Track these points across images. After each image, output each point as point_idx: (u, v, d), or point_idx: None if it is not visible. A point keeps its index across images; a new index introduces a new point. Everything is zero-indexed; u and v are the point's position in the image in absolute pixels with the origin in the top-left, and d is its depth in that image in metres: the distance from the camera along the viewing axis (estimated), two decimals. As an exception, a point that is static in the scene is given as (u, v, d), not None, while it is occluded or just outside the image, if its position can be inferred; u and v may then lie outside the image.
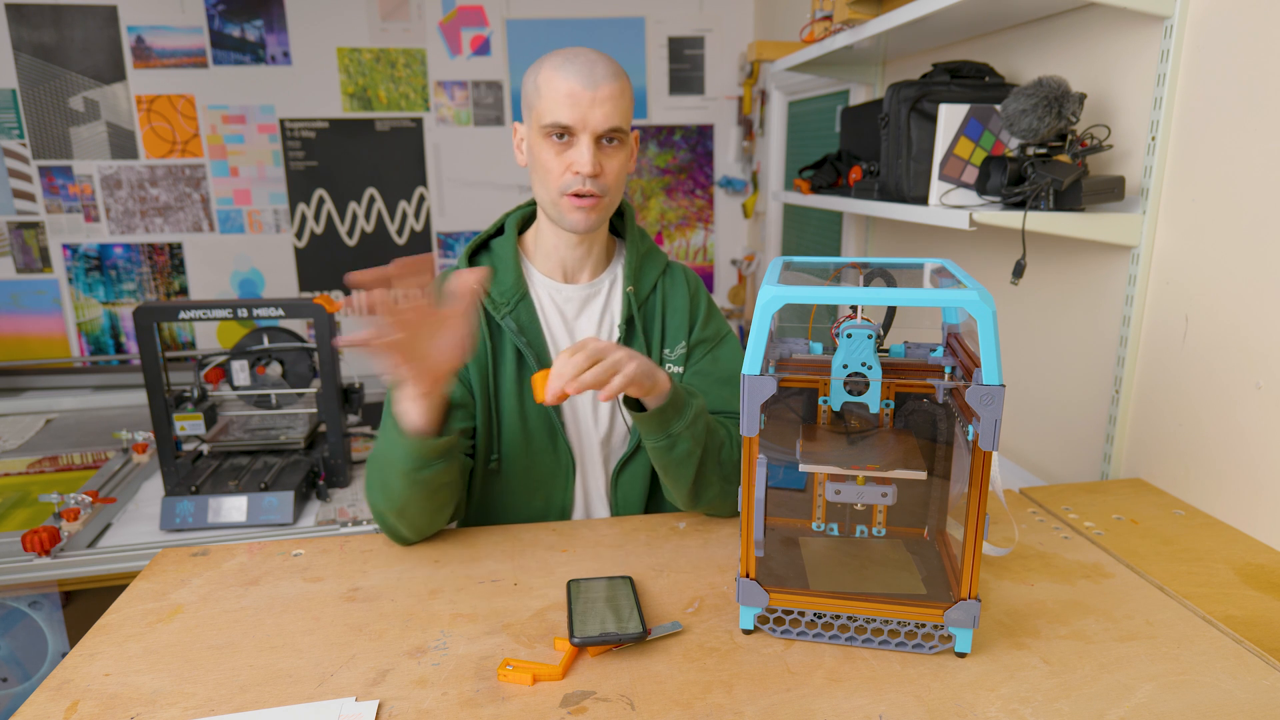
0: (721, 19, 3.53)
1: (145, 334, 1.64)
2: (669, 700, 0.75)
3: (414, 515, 1.02)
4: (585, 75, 1.03)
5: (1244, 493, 1.13)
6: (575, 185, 1.06)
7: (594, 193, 1.07)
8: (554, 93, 1.04)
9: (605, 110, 1.04)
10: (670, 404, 0.99)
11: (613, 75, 1.05)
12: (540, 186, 1.10)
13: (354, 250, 3.54)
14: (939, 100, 1.52)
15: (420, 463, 0.97)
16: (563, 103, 1.03)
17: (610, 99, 1.04)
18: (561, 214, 1.09)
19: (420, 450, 0.96)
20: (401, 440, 0.96)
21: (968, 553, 0.77)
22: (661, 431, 1.00)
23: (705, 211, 3.75)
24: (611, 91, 1.04)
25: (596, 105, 1.04)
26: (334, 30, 3.33)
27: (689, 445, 1.01)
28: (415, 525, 1.03)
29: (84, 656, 0.83)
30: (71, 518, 1.60)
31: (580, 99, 1.03)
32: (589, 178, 1.06)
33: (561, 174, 1.07)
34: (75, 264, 3.38)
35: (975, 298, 0.73)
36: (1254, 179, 1.11)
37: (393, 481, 0.98)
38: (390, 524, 1.04)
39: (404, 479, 0.97)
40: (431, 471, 0.98)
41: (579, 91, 1.03)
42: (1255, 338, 1.12)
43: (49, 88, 3.20)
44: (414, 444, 0.96)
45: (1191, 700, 0.74)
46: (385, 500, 1.01)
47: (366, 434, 2.10)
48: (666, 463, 1.03)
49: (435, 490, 1.00)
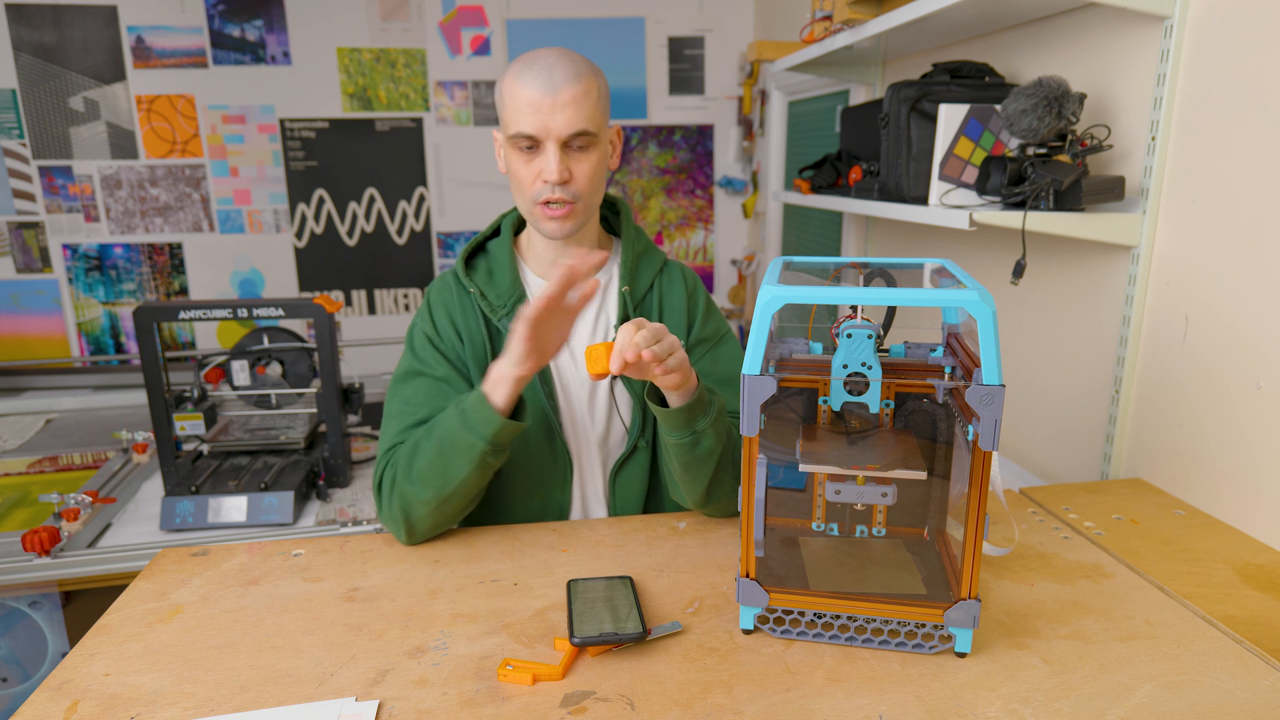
0: (721, 19, 3.53)
1: (145, 334, 1.64)
2: (669, 700, 0.75)
3: (454, 504, 1.03)
4: (544, 81, 1.01)
5: (1244, 493, 1.13)
6: (545, 194, 1.06)
7: (564, 199, 1.06)
8: (516, 102, 1.03)
9: (567, 115, 1.02)
10: (698, 400, 0.99)
11: (574, 77, 1.03)
12: (516, 195, 1.10)
13: (354, 250, 3.54)
14: (939, 100, 1.52)
15: (499, 444, 0.99)
16: (524, 111, 1.02)
17: (572, 103, 1.02)
18: (538, 222, 1.09)
19: (505, 431, 0.98)
20: (491, 419, 0.97)
21: (968, 553, 0.77)
22: (687, 428, 1.00)
23: (705, 211, 3.75)
24: (573, 95, 1.02)
25: (558, 111, 1.02)
26: (334, 30, 3.33)
27: (711, 442, 1.01)
28: (445, 516, 1.05)
29: (84, 656, 0.83)
30: (71, 518, 1.60)
31: (541, 106, 1.02)
32: (558, 185, 1.05)
33: (532, 183, 1.06)
34: (75, 264, 3.38)
35: (975, 298, 0.73)
36: (1254, 179, 1.11)
37: (457, 465, 0.99)
38: (416, 517, 1.03)
39: (475, 462, 0.99)
40: (504, 455, 1.01)
41: (539, 99, 1.02)
42: (1255, 338, 1.12)
43: (49, 88, 3.20)
44: (501, 425, 0.97)
45: (1191, 700, 0.74)
46: (431, 488, 1.01)
47: (367, 434, 2.10)
48: (688, 460, 1.02)
49: (489, 476, 1.03)
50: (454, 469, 0.99)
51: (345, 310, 3.61)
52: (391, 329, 3.63)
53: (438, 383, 1.11)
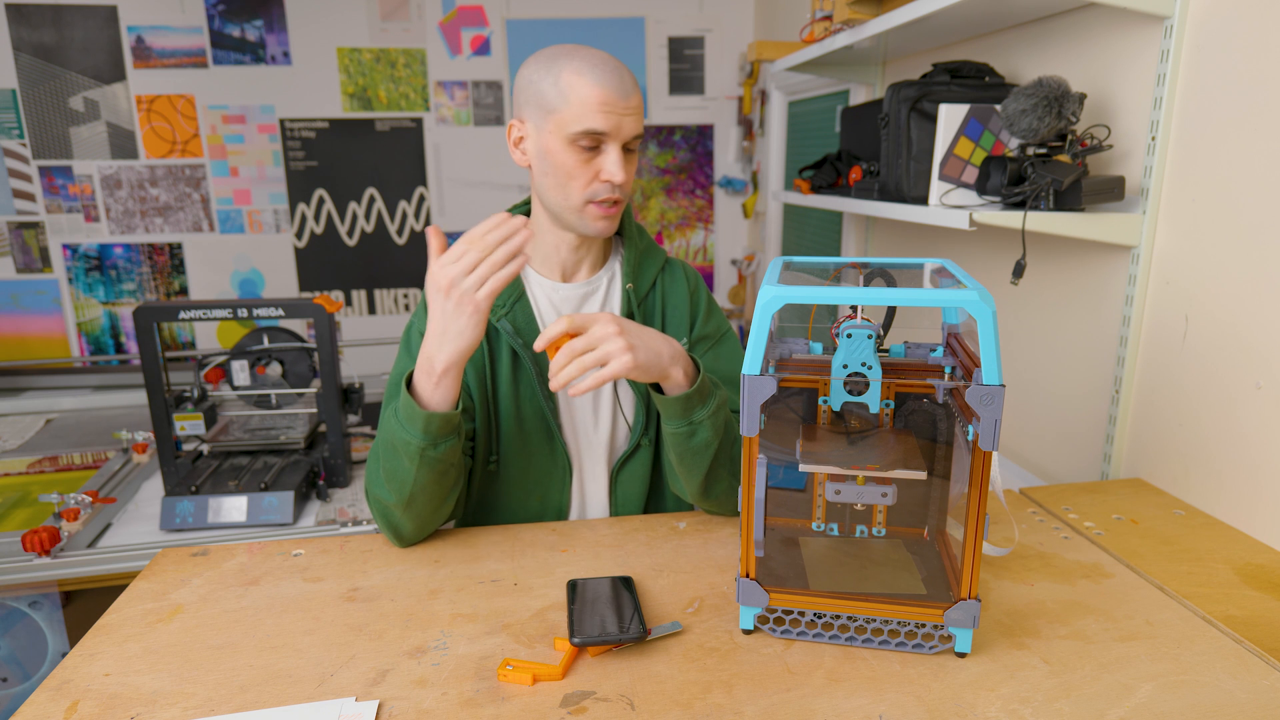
0: (721, 19, 3.53)
1: (145, 334, 1.64)
2: (669, 700, 0.74)
3: (421, 505, 1.01)
4: (617, 84, 1.03)
5: (1244, 493, 1.13)
6: (604, 193, 1.06)
7: (617, 200, 1.08)
8: (585, 99, 1.02)
9: (634, 119, 1.05)
10: (696, 391, 0.99)
11: (635, 83, 1.07)
12: (557, 192, 1.08)
13: (354, 250, 3.54)
14: (939, 100, 1.52)
15: (434, 438, 0.97)
16: (596, 110, 1.02)
17: (638, 108, 1.06)
18: (584, 221, 1.09)
19: (437, 424, 0.96)
20: (418, 416, 0.95)
21: (968, 553, 0.77)
22: (684, 417, 1.00)
23: (705, 211, 3.76)
24: (639, 100, 1.06)
25: (630, 114, 1.04)
26: (334, 30, 3.33)
27: (708, 435, 1.01)
28: (421, 516, 1.02)
29: (84, 656, 0.83)
30: (71, 518, 1.60)
31: (615, 107, 1.03)
32: (618, 185, 1.06)
33: (589, 182, 1.06)
34: (75, 264, 3.38)
35: (975, 298, 0.73)
36: (1254, 179, 1.11)
37: (403, 464, 0.98)
38: (395, 520, 1.03)
39: (417, 458, 0.97)
40: (445, 448, 0.98)
41: (614, 100, 1.02)
42: (1255, 338, 1.12)
43: (49, 88, 3.20)
44: (431, 417, 0.95)
45: (1191, 700, 0.74)
46: (394, 490, 1.00)
47: (366, 434, 2.10)
48: (684, 451, 1.03)
49: (444, 472, 1.00)
50: (403, 469, 0.98)
51: (345, 310, 3.61)
52: (391, 329, 3.63)
53: None
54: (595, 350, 0.92)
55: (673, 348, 0.99)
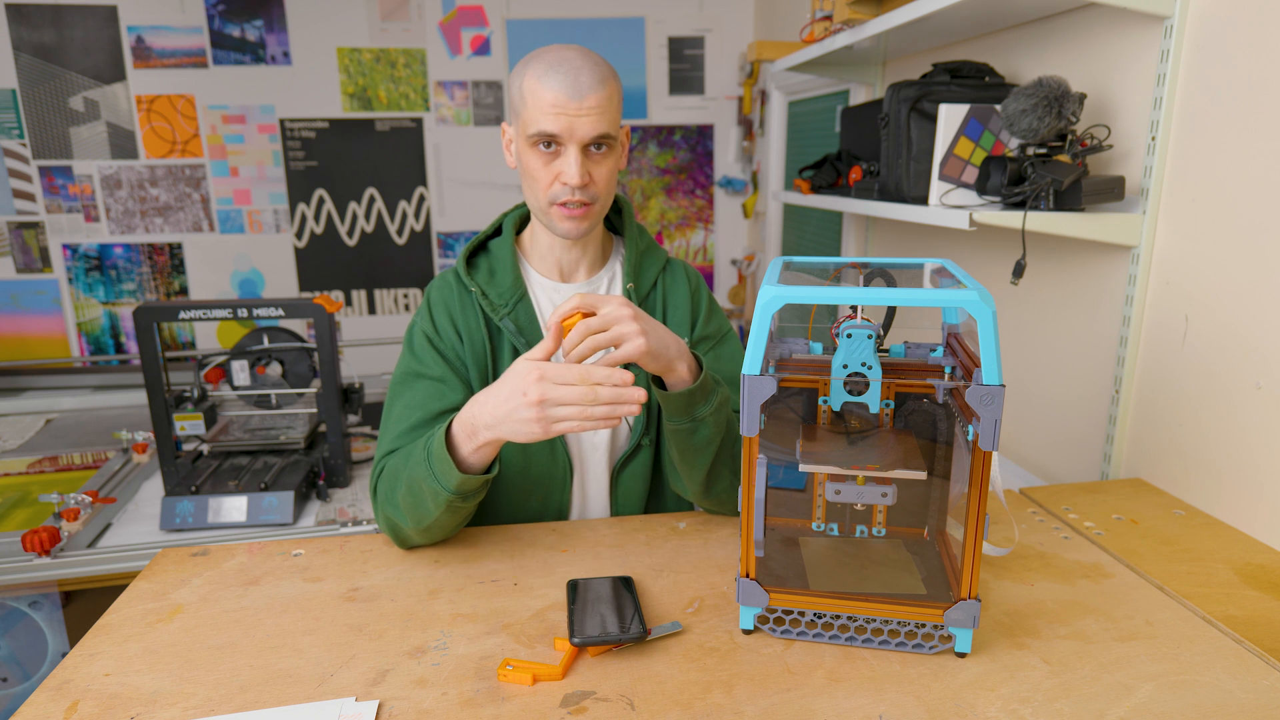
0: (721, 19, 3.53)
1: (145, 334, 1.64)
2: (669, 700, 0.74)
3: (437, 532, 1.03)
4: (570, 84, 1.00)
5: (1244, 493, 1.13)
6: (564, 195, 1.05)
7: (583, 201, 1.06)
8: (539, 102, 1.02)
9: (591, 120, 1.02)
10: (700, 387, 0.99)
11: (599, 82, 1.02)
12: (529, 193, 1.09)
13: (354, 250, 3.54)
14: (939, 100, 1.52)
15: (465, 494, 0.96)
16: (548, 113, 1.01)
17: (597, 108, 1.02)
18: (552, 222, 1.09)
19: (473, 484, 0.96)
20: (450, 474, 0.94)
21: (968, 553, 0.77)
22: (686, 414, 1.00)
23: (705, 211, 3.75)
24: (598, 100, 1.02)
25: (583, 115, 1.01)
26: (334, 30, 3.33)
27: (709, 432, 1.01)
28: (433, 538, 1.05)
29: (84, 656, 0.83)
30: (71, 518, 1.60)
31: (566, 109, 1.01)
32: (577, 188, 1.04)
33: (549, 184, 1.06)
34: (75, 264, 3.38)
35: (975, 298, 0.73)
36: (1253, 179, 1.11)
37: (427, 505, 0.97)
38: (405, 536, 1.04)
39: (444, 506, 0.96)
40: (474, 500, 0.99)
41: (565, 102, 1.01)
42: (1255, 338, 1.12)
43: (49, 88, 3.20)
44: (467, 479, 0.94)
45: (1191, 700, 0.74)
46: (412, 520, 1.00)
47: (366, 434, 2.10)
48: (685, 447, 1.03)
49: (468, 513, 1.02)
50: (425, 508, 0.98)
51: (345, 310, 3.61)
52: (391, 329, 3.63)
53: (436, 384, 1.11)
54: (609, 331, 0.91)
55: (678, 342, 0.99)
